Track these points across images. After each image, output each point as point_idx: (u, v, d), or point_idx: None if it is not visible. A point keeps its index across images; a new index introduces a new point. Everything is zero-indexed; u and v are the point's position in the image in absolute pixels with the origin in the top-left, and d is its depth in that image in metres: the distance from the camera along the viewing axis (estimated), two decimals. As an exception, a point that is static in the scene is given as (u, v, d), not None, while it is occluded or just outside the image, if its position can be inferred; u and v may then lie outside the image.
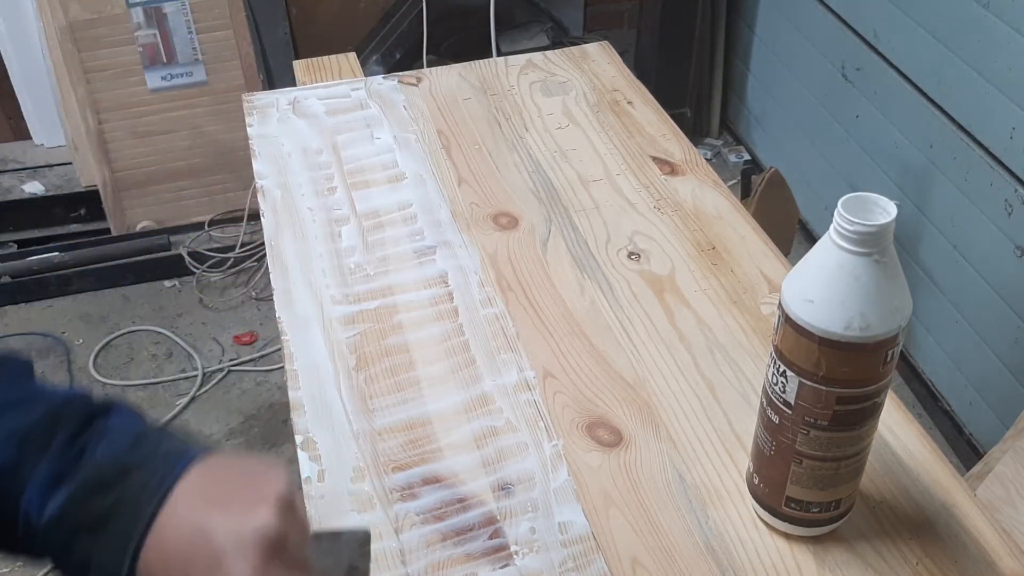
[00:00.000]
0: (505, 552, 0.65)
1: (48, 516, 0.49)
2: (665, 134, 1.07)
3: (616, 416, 0.74)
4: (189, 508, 0.49)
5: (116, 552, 0.49)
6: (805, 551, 0.65)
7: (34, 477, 0.50)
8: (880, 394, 0.59)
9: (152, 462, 0.51)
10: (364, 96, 1.14)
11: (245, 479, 0.51)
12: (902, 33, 1.85)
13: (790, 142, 2.44)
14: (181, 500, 0.50)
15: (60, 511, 0.50)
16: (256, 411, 2.07)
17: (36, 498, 0.50)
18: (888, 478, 0.69)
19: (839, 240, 0.55)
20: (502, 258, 0.90)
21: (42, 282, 2.32)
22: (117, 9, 2.17)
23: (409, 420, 0.74)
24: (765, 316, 0.83)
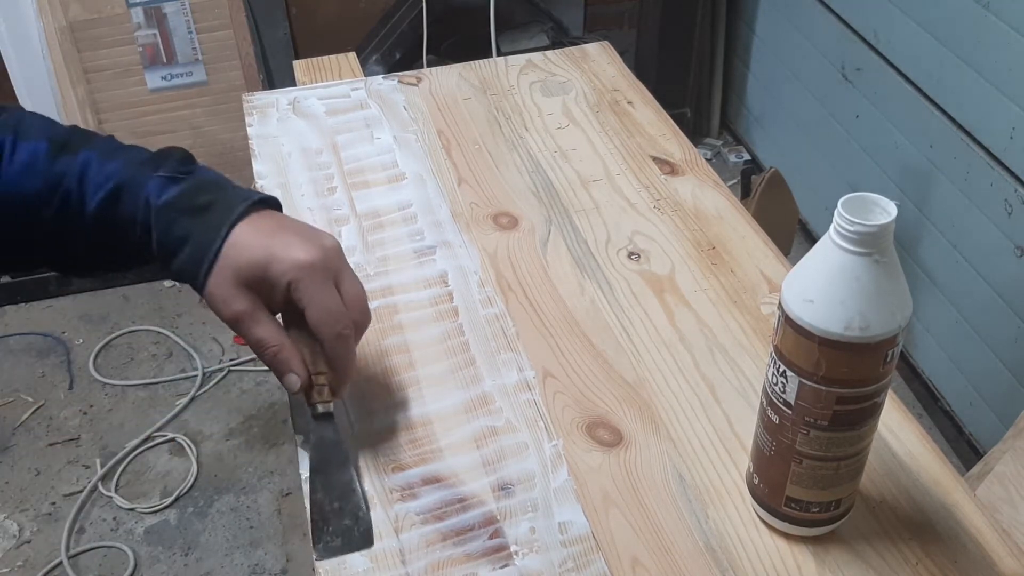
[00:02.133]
0: (505, 552, 0.65)
1: (164, 199, 0.66)
2: (665, 134, 1.07)
3: (616, 416, 0.74)
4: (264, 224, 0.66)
5: (212, 231, 0.65)
6: (805, 551, 0.65)
7: (154, 178, 0.67)
8: (880, 394, 0.59)
9: (238, 188, 0.69)
10: (364, 96, 1.14)
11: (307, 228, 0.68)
12: (902, 33, 1.85)
13: (790, 142, 2.44)
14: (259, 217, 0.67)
15: (173, 198, 0.66)
16: (256, 411, 2.07)
17: (156, 189, 0.67)
18: (888, 478, 0.70)
19: (839, 240, 0.55)
20: (502, 258, 0.90)
21: (42, 282, 2.32)
22: (117, 9, 2.17)
23: (409, 420, 0.74)
24: (765, 316, 0.83)
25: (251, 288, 0.65)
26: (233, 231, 0.65)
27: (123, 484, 1.91)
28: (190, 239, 0.66)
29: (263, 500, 1.87)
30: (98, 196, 0.67)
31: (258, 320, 0.65)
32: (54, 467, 1.94)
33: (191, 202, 0.66)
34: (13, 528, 1.83)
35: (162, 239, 0.67)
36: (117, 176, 0.68)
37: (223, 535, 1.82)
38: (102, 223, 0.68)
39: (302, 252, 0.64)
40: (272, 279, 0.64)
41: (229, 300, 0.64)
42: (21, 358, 2.19)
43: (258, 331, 0.65)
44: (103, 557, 1.78)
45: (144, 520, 1.84)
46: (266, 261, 0.64)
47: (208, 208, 0.66)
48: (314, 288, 0.64)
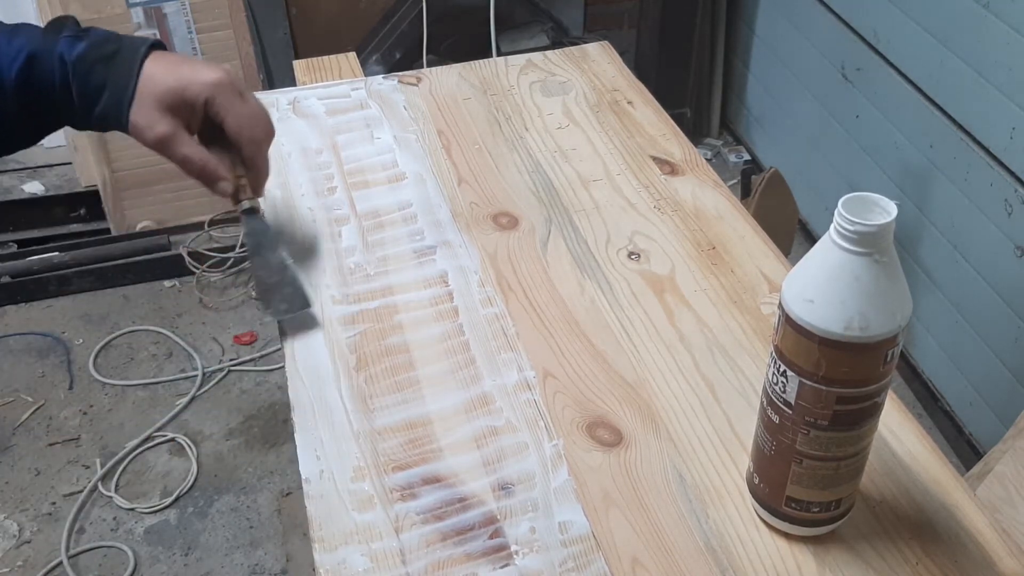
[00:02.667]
0: (505, 552, 0.65)
1: (75, 54, 0.74)
2: (665, 134, 1.07)
3: (616, 416, 0.74)
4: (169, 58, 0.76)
5: (125, 71, 0.74)
6: (805, 551, 0.65)
7: (61, 39, 0.75)
8: (880, 394, 0.59)
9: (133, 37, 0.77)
10: (364, 96, 1.14)
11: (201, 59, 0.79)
12: (902, 33, 1.85)
13: (790, 142, 2.44)
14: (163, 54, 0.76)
15: (83, 52, 0.74)
16: (256, 411, 2.07)
17: (66, 47, 0.74)
18: (888, 478, 0.70)
19: (839, 240, 0.55)
20: (502, 258, 0.90)
21: (42, 282, 2.32)
22: (117, 9, 2.17)
23: (409, 420, 0.74)
24: (765, 316, 0.83)
25: (171, 112, 0.74)
26: (144, 68, 0.75)
27: (123, 484, 1.91)
28: (107, 83, 0.74)
29: (263, 500, 1.88)
30: (14, 68, 0.74)
31: (182, 140, 0.75)
32: (54, 467, 1.94)
33: (99, 52, 0.75)
34: (13, 528, 1.83)
35: (82, 89, 0.75)
36: (26, 47, 0.75)
37: (223, 535, 1.82)
38: (23, 90, 0.75)
39: (211, 74, 0.75)
40: (190, 99, 0.74)
41: (153, 124, 0.74)
42: (21, 358, 2.19)
43: (184, 149, 0.75)
44: (103, 557, 1.78)
45: (144, 520, 1.85)
46: (181, 85, 0.74)
47: (115, 54, 0.75)
48: (229, 101, 0.75)
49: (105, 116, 0.76)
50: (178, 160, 0.76)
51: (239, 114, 0.76)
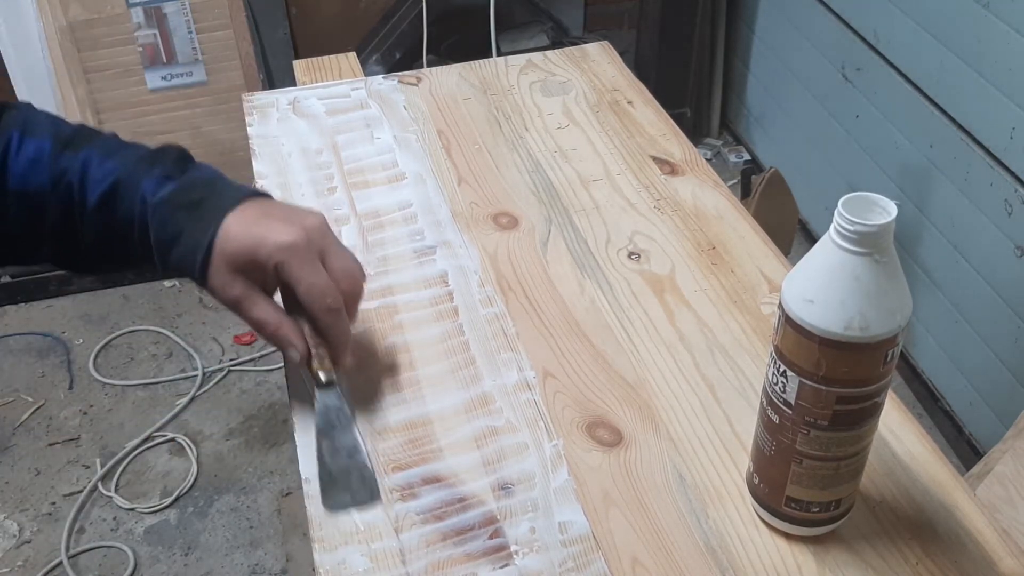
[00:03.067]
0: (505, 552, 0.65)
1: (159, 196, 0.70)
2: (665, 134, 1.07)
3: (616, 416, 0.74)
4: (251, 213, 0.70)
5: (204, 224, 0.69)
6: (805, 551, 0.65)
7: (151, 176, 0.71)
8: (880, 394, 0.59)
9: (231, 184, 0.73)
10: (364, 96, 1.14)
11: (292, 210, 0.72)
12: (902, 33, 1.85)
13: (790, 142, 2.45)
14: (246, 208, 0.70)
15: (168, 195, 0.70)
16: (256, 411, 2.07)
17: (151, 186, 0.70)
18: (888, 478, 0.70)
19: (839, 240, 0.55)
20: (502, 258, 0.90)
21: (42, 282, 2.32)
22: (117, 9, 2.17)
23: (409, 420, 0.74)
24: (765, 316, 0.83)
25: (244, 273, 0.68)
26: (223, 223, 0.68)
27: (123, 484, 1.91)
28: (183, 233, 0.69)
29: (263, 500, 1.88)
30: (97, 192, 0.70)
31: (255, 302, 0.69)
32: (54, 467, 1.94)
33: (185, 198, 0.70)
34: (13, 528, 1.83)
35: (158, 235, 0.70)
36: (115, 173, 0.71)
37: (223, 535, 1.82)
38: (102, 219, 0.71)
39: (284, 234, 0.68)
40: (260, 263, 0.68)
41: (226, 287, 0.69)
42: (21, 358, 2.19)
43: (256, 312, 0.69)
44: (103, 557, 1.78)
45: (144, 520, 1.85)
46: (253, 247, 0.68)
47: (200, 203, 0.70)
48: (299, 266, 0.68)
49: (180, 268, 0.70)
50: (252, 323, 0.70)
51: (308, 282, 0.68)
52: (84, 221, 0.71)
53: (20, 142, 0.71)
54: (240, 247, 0.68)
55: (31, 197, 0.71)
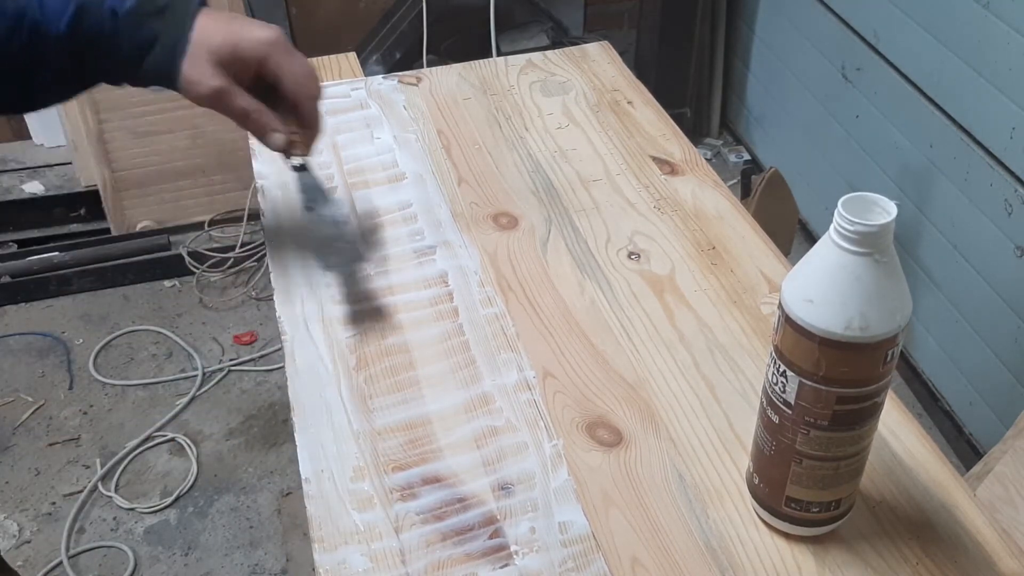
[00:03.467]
0: (505, 552, 0.65)
1: (127, 7, 0.73)
2: (665, 134, 1.08)
3: (616, 416, 0.74)
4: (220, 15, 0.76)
5: (178, 25, 0.74)
6: (805, 551, 0.65)
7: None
8: (880, 394, 0.59)
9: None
10: (364, 96, 1.14)
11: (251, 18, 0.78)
12: (902, 33, 1.85)
13: (790, 142, 2.45)
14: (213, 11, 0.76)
15: (134, 5, 0.73)
16: (256, 411, 2.07)
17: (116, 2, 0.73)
18: (888, 478, 0.70)
19: (839, 240, 0.55)
20: (502, 258, 0.90)
21: (42, 282, 2.32)
22: (117, 9, 2.16)
23: (409, 420, 0.74)
24: (765, 316, 0.83)
25: (224, 67, 0.74)
26: (196, 23, 0.74)
27: (123, 484, 1.91)
28: (159, 36, 0.74)
29: (263, 500, 1.88)
30: (64, 18, 0.73)
31: (237, 92, 0.75)
32: (54, 467, 1.94)
33: (151, 5, 0.74)
34: (13, 528, 1.83)
35: (132, 42, 0.74)
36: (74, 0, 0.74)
37: (223, 535, 1.82)
38: (71, 42, 0.74)
39: (264, 32, 0.75)
40: (243, 56, 0.74)
41: (207, 78, 0.74)
42: (21, 358, 2.19)
43: (239, 101, 0.75)
44: (103, 557, 1.78)
45: (144, 520, 1.85)
46: (235, 41, 0.74)
47: (167, 8, 0.74)
48: (283, 59, 0.75)
49: (155, 70, 0.75)
50: (235, 111, 0.76)
51: (294, 72, 0.76)
52: (51, 48, 0.74)
53: None
54: (223, 41, 0.73)
55: None
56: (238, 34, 0.75)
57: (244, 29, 0.75)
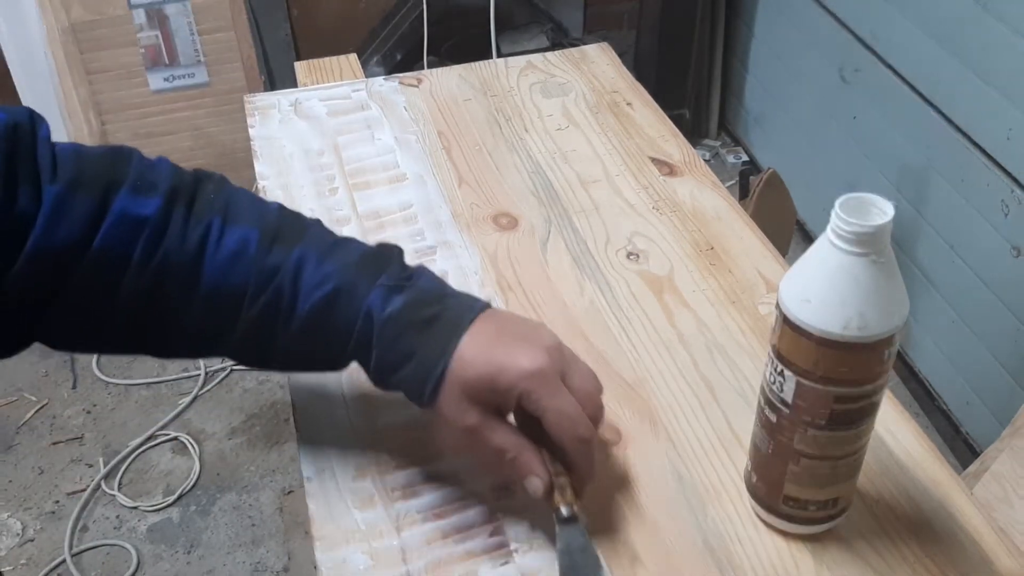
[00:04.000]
0: (505, 550, 0.65)
1: (388, 312, 0.63)
2: (664, 135, 1.08)
3: (615, 415, 0.75)
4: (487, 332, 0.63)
5: (438, 347, 0.62)
6: (803, 549, 0.65)
7: (376, 286, 0.64)
8: (877, 393, 0.60)
9: (459, 296, 0.67)
10: (365, 97, 1.15)
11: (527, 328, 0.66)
12: (900, 35, 1.86)
13: (788, 143, 2.45)
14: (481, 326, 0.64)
15: (398, 310, 0.63)
16: (258, 410, 2.07)
17: (379, 300, 0.63)
18: (885, 477, 0.70)
19: (836, 240, 0.55)
20: (502, 258, 0.91)
21: (43, 282, 2.31)
22: (119, 10, 2.17)
23: (409, 420, 0.74)
24: (763, 316, 0.84)
25: (480, 401, 0.62)
26: (459, 346, 0.62)
27: (126, 483, 1.92)
28: (415, 355, 0.63)
29: (265, 498, 1.88)
30: (313, 298, 0.63)
31: (493, 429, 0.63)
32: (57, 466, 1.95)
33: (416, 315, 0.63)
34: (16, 526, 1.84)
35: (385, 353, 0.64)
36: (334, 279, 0.64)
37: (225, 533, 1.82)
38: (312, 326, 0.64)
39: (527, 360, 0.61)
40: (501, 391, 0.61)
41: (461, 415, 0.62)
42: (24, 357, 2.19)
43: (495, 439, 0.62)
44: (106, 555, 1.79)
45: (147, 518, 1.85)
46: (493, 374, 0.61)
47: (433, 322, 0.63)
48: (547, 395, 0.61)
49: (405, 387, 0.65)
50: (490, 450, 0.63)
51: (558, 411, 0.61)
52: (288, 326, 0.64)
53: (221, 231, 0.64)
54: (479, 375, 0.61)
55: (226, 296, 0.64)
56: (500, 366, 0.61)
57: (506, 356, 0.61)
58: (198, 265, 0.63)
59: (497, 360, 0.61)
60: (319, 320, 0.64)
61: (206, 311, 0.64)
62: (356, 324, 0.63)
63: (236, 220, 0.65)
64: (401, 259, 0.67)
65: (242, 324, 0.64)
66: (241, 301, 0.64)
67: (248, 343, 0.66)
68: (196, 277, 0.63)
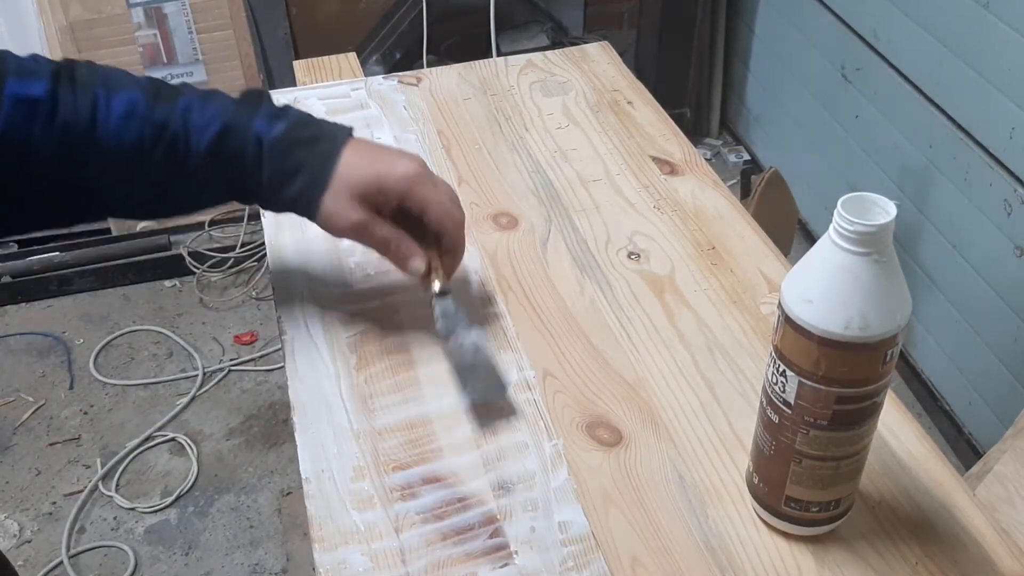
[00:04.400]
0: (505, 551, 0.65)
1: (275, 134, 0.74)
2: (665, 134, 1.08)
3: (616, 416, 0.74)
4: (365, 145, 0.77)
5: (323, 158, 0.74)
6: (804, 550, 0.65)
7: (259, 116, 0.74)
8: (880, 394, 0.59)
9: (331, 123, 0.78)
10: (364, 96, 1.14)
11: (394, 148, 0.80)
12: (902, 33, 1.86)
13: (790, 142, 2.45)
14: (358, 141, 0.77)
15: (283, 132, 0.74)
16: (256, 410, 2.07)
17: (264, 125, 0.74)
18: (887, 478, 0.70)
19: (839, 240, 0.55)
20: (502, 258, 0.90)
21: (42, 282, 2.32)
22: (117, 9, 2.17)
23: (409, 419, 0.74)
24: (765, 316, 0.83)
25: (365, 201, 0.74)
26: (341, 157, 0.74)
27: (123, 484, 1.91)
28: (303, 167, 0.74)
29: (263, 499, 1.88)
30: (206, 136, 0.73)
31: (378, 223, 0.75)
32: (54, 467, 1.95)
33: (298, 135, 0.75)
34: (14, 528, 1.83)
35: (275, 171, 0.74)
36: (221, 117, 0.73)
37: (223, 534, 1.82)
38: (211, 161, 0.73)
39: (406, 166, 0.75)
40: (386, 191, 0.74)
41: (348, 212, 0.74)
42: (21, 358, 2.19)
43: (380, 231, 0.75)
44: (104, 557, 1.79)
45: (144, 520, 1.85)
46: (378, 177, 0.74)
47: (315, 140, 0.75)
48: (426, 191, 0.75)
49: (295, 199, 0.75)
50: (374, 242, 0.76)
51: (438, 203, 0.76)
52: (189, 165, 0.73)
53: (108, 98, 0.72)
54: (365, 177, 0.74)
55: (127, 152, 0.72)
56: (382, 169, 0.74)
57: (389, 163, 0.75)
58: (93, 130, 0.71)
59: (379, 166, 0.74)
60: (216, 153, 0.73)
61: (113, 170, 0.73)
62: (247, 150, 0.73)
63: (118, 88, 0.73)
64: (271, 98, 0.77)
65: (150, 175, 0.74)
66: (142, 155, 0.72)
67: (160, 191, 0.76)
68: (95, 141, 0.71)
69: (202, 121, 0.73)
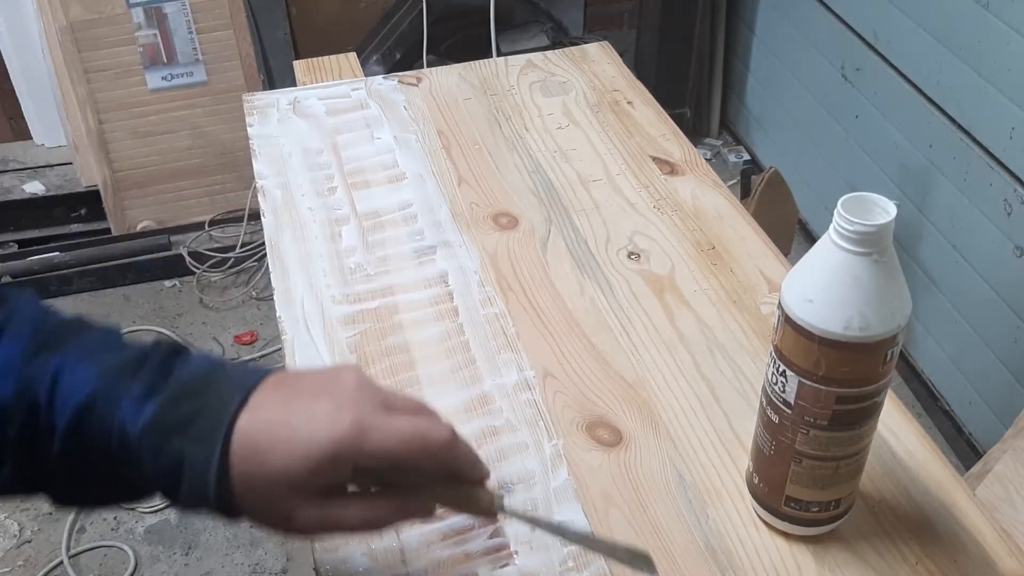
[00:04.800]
0: (505, 551, 0.65)
1: (143, 422, 0.51)
2: (665, 134, 1.08)
3: (616, 416, 0.74)
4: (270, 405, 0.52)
5: (206, 445, 0.50)
6: (804, 550, 0.65)
7: (129, 393, 0.52)
8: (880, 394, 0.59)
9: (232, 375, 0.54)
10: (364, 96, 1.14)
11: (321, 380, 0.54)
12: (902, 33, 1.85)
13: (790, 142, 2.45)
14: (262, 399, 0.52)
15: (153, 417, 0.51)
16: (256, 411, 2.06)
17: (131, 409, 0.52)
18: (887, 478, 0.70)
19: (839, 240, 0.55)
20: (502, 258, 0.90)
21: (42, 282, 2.32)
22: (117, 9, 2.17)
23: (409, 420, 0.74)
24: (765, 316, 0.83)
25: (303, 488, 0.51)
26: (233, 433, 0.51)
27: (123, 484, 1.91)
28: (184, 461, 0.51)
29: (263, 500, 1.88)
30: (67, 412, 0.52)
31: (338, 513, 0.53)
32: (54, 467, 1.94)
33: (174, 416, 0.52)
34: (14, 527, 1.83)
35: (154, 470, 0.52)
36: (90, 386, 0.53)
37: (223, 534, 1.82)
38: (74, 446, 0.53)
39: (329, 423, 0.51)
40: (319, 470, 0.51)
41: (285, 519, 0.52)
42: (21, 358, 2.19)
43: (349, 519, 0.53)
44: (104, 556, 1.78)
45: (144, 519, 1.85)
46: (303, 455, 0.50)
47: (195, 418, 0.52)
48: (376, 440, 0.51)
49: (196, 506, 0.53)
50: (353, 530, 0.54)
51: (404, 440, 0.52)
52: (52, 444, 0.53)
53: None
54: (282, 461, 0.50)
55: None
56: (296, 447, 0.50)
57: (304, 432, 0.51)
58: None
59: (292, 442, 0.50)
60: (78, 439, 0.52)
61: None
62: (112, 442, 0.52)
63: (11, 330, 0.56)
64: (169, 351, 0.56)
65: (8, 446, 0.53)
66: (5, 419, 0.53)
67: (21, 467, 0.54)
68: None
69: (69, 388, 0.53)
